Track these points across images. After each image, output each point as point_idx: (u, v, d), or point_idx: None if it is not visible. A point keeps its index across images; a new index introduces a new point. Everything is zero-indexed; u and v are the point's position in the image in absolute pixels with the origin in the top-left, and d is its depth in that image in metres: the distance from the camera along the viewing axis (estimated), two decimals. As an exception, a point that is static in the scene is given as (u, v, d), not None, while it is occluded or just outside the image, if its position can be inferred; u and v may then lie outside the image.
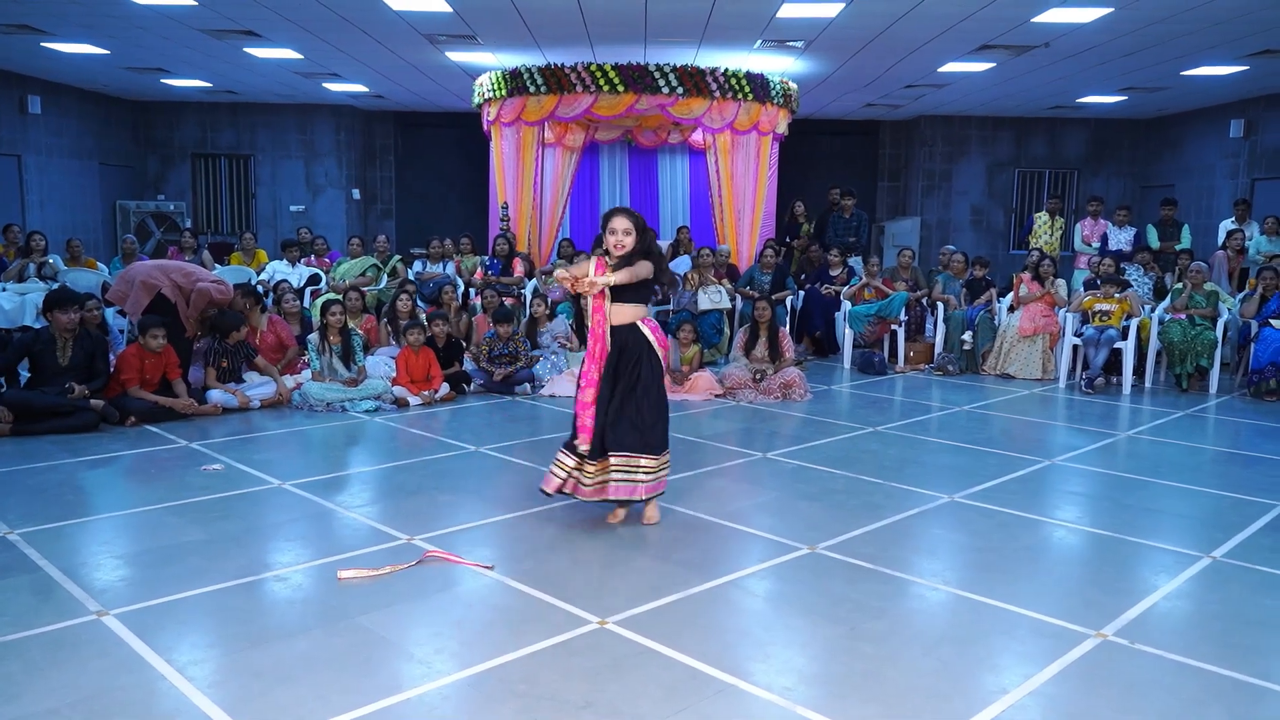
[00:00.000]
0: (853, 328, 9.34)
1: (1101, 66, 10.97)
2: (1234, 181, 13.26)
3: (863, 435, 6.23)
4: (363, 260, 9.96)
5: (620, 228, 4.14)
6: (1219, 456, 5.89)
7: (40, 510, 4.29)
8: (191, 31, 9.85)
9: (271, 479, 4.90)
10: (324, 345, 6.98)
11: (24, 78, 12.50)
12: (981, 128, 15.67)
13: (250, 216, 15.58)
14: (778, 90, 10.19)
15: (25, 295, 8.60)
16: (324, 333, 7.00)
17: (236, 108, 15.26)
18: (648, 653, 2.94)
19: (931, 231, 15.72)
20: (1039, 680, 2.79)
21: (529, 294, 9.27)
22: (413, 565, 3.64)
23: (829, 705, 2.63)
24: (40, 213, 12.72)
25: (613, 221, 4.17)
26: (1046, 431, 6.62)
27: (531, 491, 4.73)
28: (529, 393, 7.52)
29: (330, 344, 6.99)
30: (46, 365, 5.89)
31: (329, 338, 6.99)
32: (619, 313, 4.15)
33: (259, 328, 7.43)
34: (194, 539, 3.97)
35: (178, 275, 6.84)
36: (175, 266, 7.02)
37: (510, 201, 10.51)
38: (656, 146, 13.00)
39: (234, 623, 3.12)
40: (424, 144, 16.15)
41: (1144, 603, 3.40)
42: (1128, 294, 8.35)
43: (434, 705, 2.61)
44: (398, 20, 9.30)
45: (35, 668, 2.77)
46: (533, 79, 9.77)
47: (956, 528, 4.29)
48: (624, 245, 4.13)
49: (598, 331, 4.18)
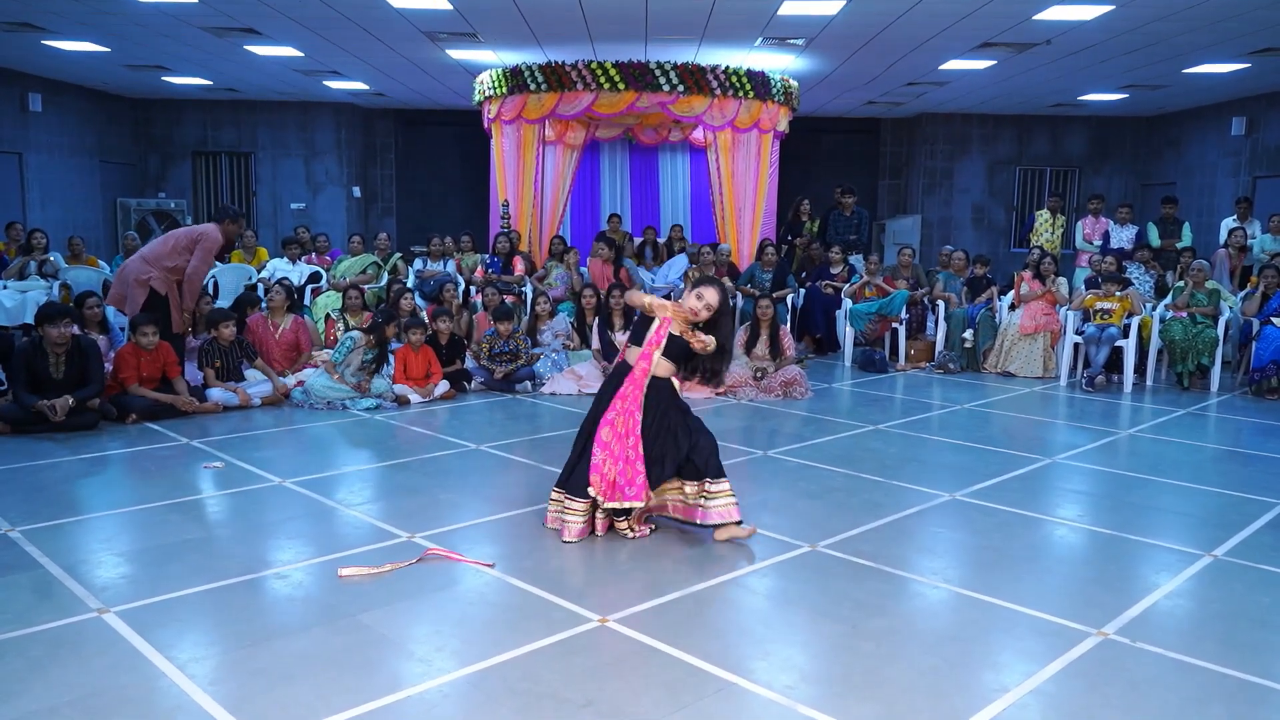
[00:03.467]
0: (854, 326, 9.34)
1: (1103, 64, 10.96)
2: (1235, 179, 13.24)
3: (864, 433, 6.22)
4: (363, 258, 9.96)
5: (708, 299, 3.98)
6: (1220, 455, 5.89)
7: (41, 507, 4.29)
8: (192, 29, 9.85)
9: (272, 477, 4.90)
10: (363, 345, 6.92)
11: (25, 75, 12.50)
12: (983, 125, 15.65)
13: (251, 214, 15.57)
14: (779, 88, 10.18)
15: (27, 293, 8.60)
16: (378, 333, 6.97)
17: (237, 105, 15.25)
18: (648, 651, 2.93)
19: (932, 230, 15.71)
20: (1040, 678, 2.79)
21: (530, 292, 9.27)
22: (413, 563, 3.64)
23: (830, 703, 2.63)
24: (41, 210, 12.72)
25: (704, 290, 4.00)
26: (1047, 430, 6.61)
27: (532, 489, 4.73)
28: (530, 391, 7.51)
29: (366, 347, 6.95)
30: (41, 379, 5.85)
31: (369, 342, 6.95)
32: (663, 366, 4.04)
33: (281, 325, 7.44)
34: (195, 536, 3.98)
35: (165, 258, 6.73)
36: (157, 248, 6.86)
37: (511, 199, 10.50)
38: (657, 144, 13.00)
39: (234, 620, 3.12)
40: (425, 142, 16.14)
41: (1145, 601, 3.40)
42: (1129, 292, 8.35)
43: (434, 703, 2.61)
44: (398, 18, 9.29)
45: (36, 665, 2.77)
46: (533, 77, 9.76)
47: (957, 526, 4.29)
48: (698, 316, 3.98)
49: (639, 378, 4.00)
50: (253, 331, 7.37)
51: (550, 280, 9.58)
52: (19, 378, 5.81)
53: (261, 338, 7.35)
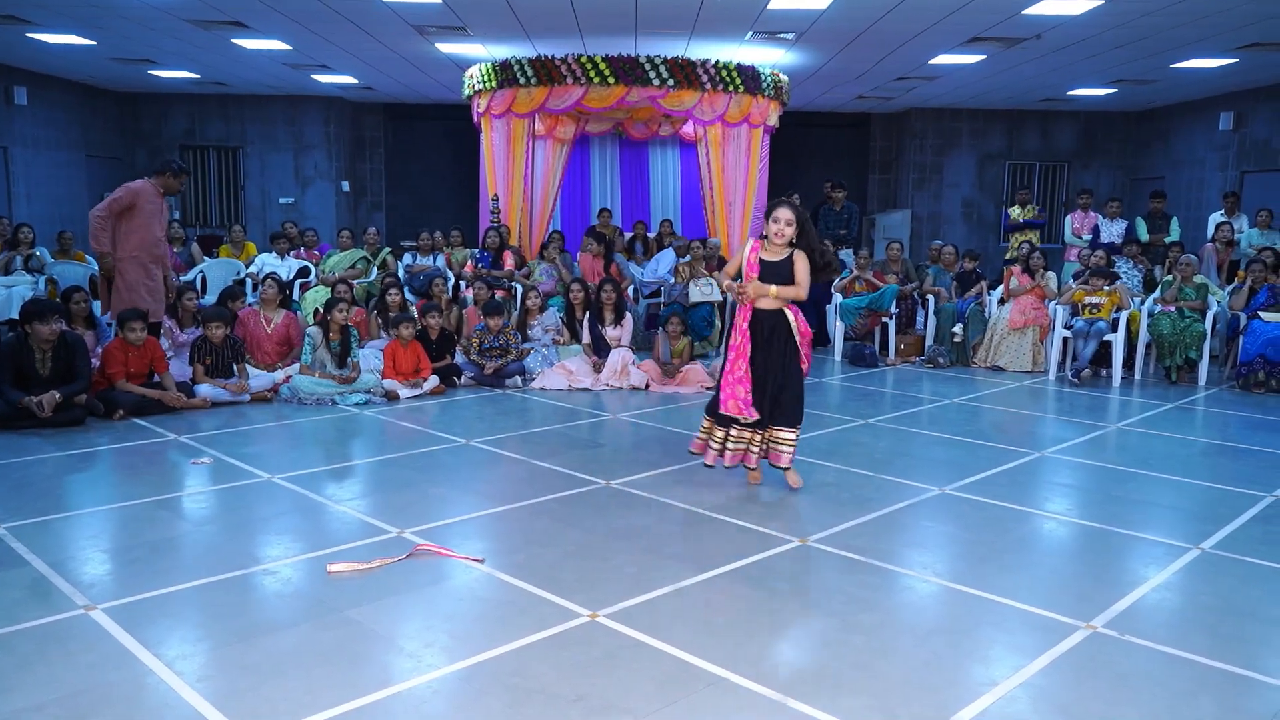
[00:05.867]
0: (843, 320, 9.35)
1: (1092, 59, 10.99)
2: (1223, 174, 13.30)
3: (853, 428, 6.23)
4: (352, 253, 9.92)
5: (784, 218, 4.42)
6: (1208, 448, 5.92)
7: (27, 504, 4.26)
8: (179, 22, 9.78)
9: (261, 472, 4.88)
10: (325, 341, 6.93)
11: (10, 69, 12.40)
12: (972, 120, 15.68)
13: (239, 209, 15.50)
14: (769, 82, 10.17)
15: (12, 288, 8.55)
16: (325, 329, 6.95)
17: (225, 99, 15.16)
18: (639, 646, 2.93)
19: (922, 224, 15.74)
20: (1029, 672, 2.80)
21: (519, 286, 9.25)
22: (403, 559, 3.63)
23: (820, 697, 2.63)
24: (27, 205, 12.63)
25: (776, 211, 4.45)
26: (1037, 424, 6.64)
27: (522, 484, 4.73)
28: (520, 386, 7.50)
29: (330, 340, 6.94)
30: (27, 375, 5.80)
31: (330, 334, 6.94)
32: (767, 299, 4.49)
33: (273, 320, 7.41)
34: (183, 533, 3.96)
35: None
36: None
37: (501, 194, 10.47)
38: (647, 139, 12.97)
39: (223, 617, 3.11)
40: (414, 136, 16.09)
41: (1133, 594, 3.41)
42: (1116, 286, 8.38)
43: (424, 699, 2.60)
44: (387, 11, 9.25)
45: (23, 662, 2.75)
46: (523, 71, 9.72)
47: (947, 520, 4.30)
48: (784, 235, 4.43)
49: (741, 324, 4.55)
50: (244, 325, 7.33)
51: (536, 277, 9.56)
52: (5, 374, 5.76)
53: (253, 332, 7.32)
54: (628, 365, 7.63)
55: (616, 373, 7.57)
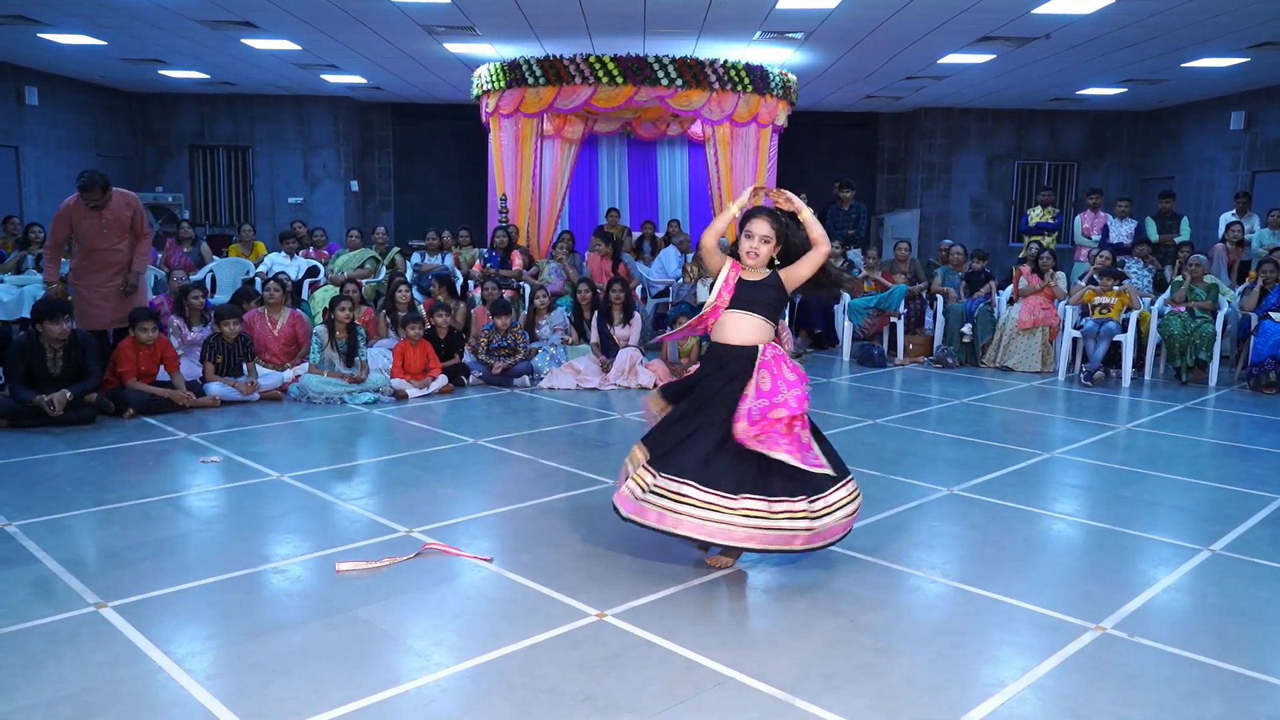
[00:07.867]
0: (852, 320, 9.34)
1: (1102, 58, 10.95)
2: (1234, 174, 13.24)
3: (862, 428, 6.22)
4: (361, 252, 9.94)
5: (759, 233, 3.48)
6: (1218, 449, 5.89)
7: (38, 502, 4.29)
8: (188, 22, 9.82)
9: (270, 471, 4.89)
10: (331, 340, 6.94)
11: (20, 69, 12.46)
12: (981, 120, 15.64)
13: (248, 208, 15.54)
14: (777, 82, 10.16)
15: (24, 287, 8.58)
16: (331, 328, 6.97)
17: (234, 99, 15.21)
18: (646, 645, 2.93)
19: (931, 224, 15.70)
20: (1037, 673, 2.79)
21: (528, 286, 9.25)
22: (411, 558, 3.63)
23: (827, 697, 2.63)
24: (38, 204, 12.69)
25: (750, 224, 3.50)
26: (1045, 424, 6.61)
27: (530, 484, 4.73)
28: (528, 385, 7.51)
29: (336, 339, 6.96)
30: (38, 373, 5.83)
31: (335, 333, 6.96)
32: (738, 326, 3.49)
33: (279, 321, 7.42)
34: (192, 531, 3.97)
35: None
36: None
37: (509, 194, 10.48)
38: (655, 138, 12.97)
39: (232, 615, 3.12)
40: (422, 136, 16.11)
41: (1142, 596, 3.40)
42: (1126, 286, 8.34)
43: (432, 698, 2.60)
44: (396, 11, 9.27)
45: (33, 660, 2.76)
46: (531, 71, 9.73)
47: (955, 520, 4.29)
48: (757, 256, 3.49)
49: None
50: (250, 327, 7.35)
51: (545, 276, 9.57)
52: (16, 372, 5.80)
53: (259, 334, 7.34)
54: (636, 365, 7.64)
55: (624, 372, 7.58)
